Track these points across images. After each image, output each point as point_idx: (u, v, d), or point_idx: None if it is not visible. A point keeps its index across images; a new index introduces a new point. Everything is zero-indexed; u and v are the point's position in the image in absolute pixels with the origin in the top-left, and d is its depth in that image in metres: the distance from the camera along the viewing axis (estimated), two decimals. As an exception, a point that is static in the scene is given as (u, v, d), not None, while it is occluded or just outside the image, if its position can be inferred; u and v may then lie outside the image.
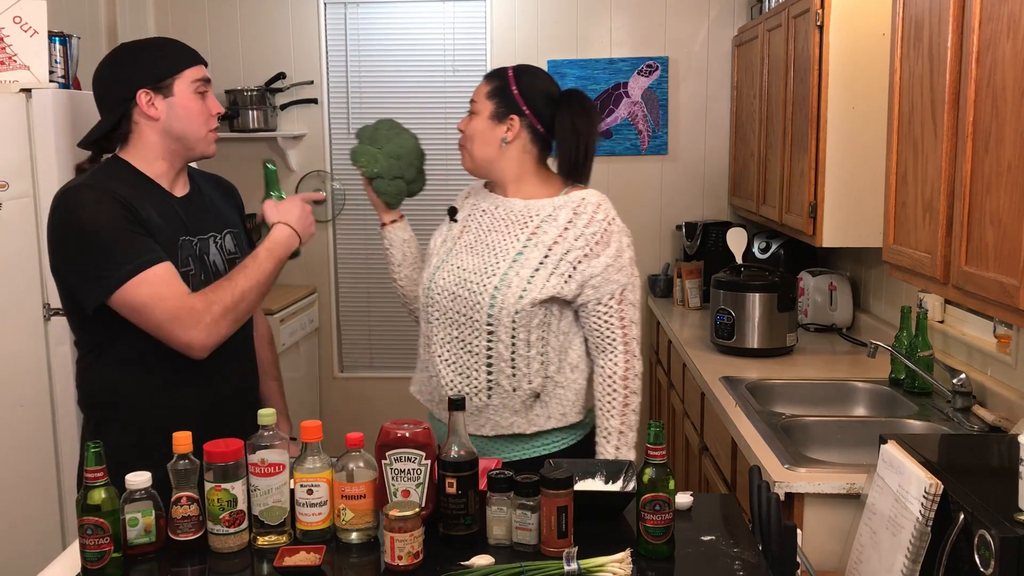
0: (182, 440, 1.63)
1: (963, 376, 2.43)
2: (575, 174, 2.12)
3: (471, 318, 2.04)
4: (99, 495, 1.54)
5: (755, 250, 3.97)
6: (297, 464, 1.66)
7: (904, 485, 1.73)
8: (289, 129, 4.46)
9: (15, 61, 2.54)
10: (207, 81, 2.02)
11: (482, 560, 1.56)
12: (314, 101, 4.43)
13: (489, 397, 2.05)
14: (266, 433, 1.66)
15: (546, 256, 2.03)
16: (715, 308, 3.26)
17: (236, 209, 2.24)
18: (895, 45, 2.26)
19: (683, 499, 1.78)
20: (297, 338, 4.28)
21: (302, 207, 2.07)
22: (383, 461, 1.68)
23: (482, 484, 1.69)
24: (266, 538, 1.65)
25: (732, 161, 4.28)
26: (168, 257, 1.90)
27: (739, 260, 3.67)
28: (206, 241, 2.05)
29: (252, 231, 2.22)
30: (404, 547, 1.53)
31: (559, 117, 2.10)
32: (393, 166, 2.21)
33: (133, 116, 1.95)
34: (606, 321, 2.06)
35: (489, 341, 2.03)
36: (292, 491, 1.67)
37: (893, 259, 2.28)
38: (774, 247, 3.90)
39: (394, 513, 1.54)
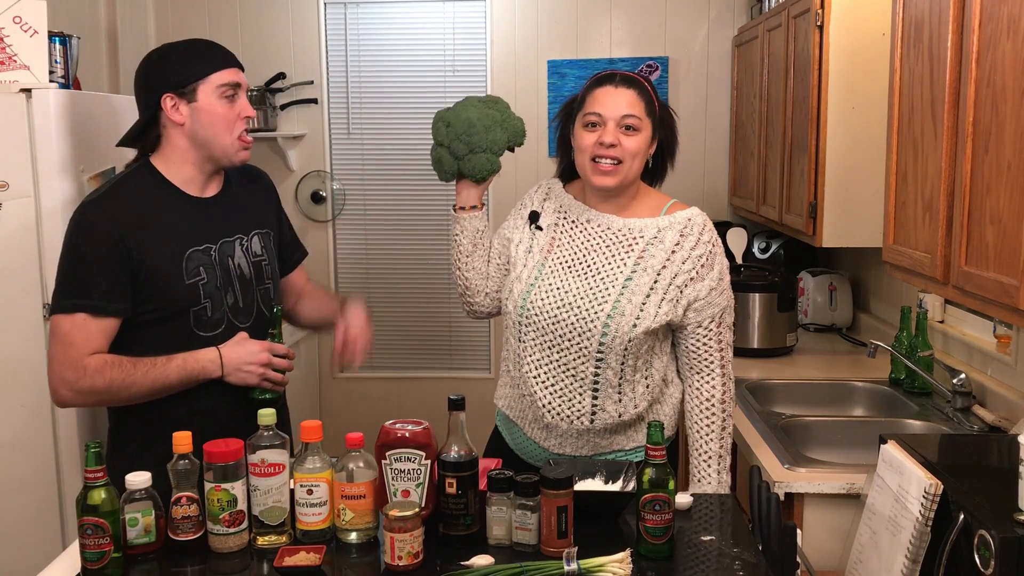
0: (182, 440, 1.63)
1: (963, 376, 2.43)
2: (661, 178, 2.11)
3: (579, 344, 1.96)
4: (99, 495, 1.54)
5: (755, 250, 3.97)
6: (297, 464, 1.66)
7: (904, 485, 1.73)
8: (289, 129, 4.45)
9: (15, 61, 2.54)
10: (236, 85, 2.00)
11: (482, 560, 1.56)
12: (314, 101, 4.43)
13: (592, 422, 1.99)
14: (266, 433, 1.66)
15: (655, 282, 1.95)
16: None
17: (268, 199, 2.23)
18: (895, 45, 2.26)
19: (683, 499, 1.78)
20: (297, 338, 4.27)
21: (255, 356, 1.99)
22: (383, 461, 1.68)
23: (482, 484, 1.69)
24: (266, 538, 1.65)
25: (732, 161, 4.28)
26: (173, 271, 1.94)
27: (739, 260, 3.68)
28: (231, 244, 2.05)
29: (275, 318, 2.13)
30: (404, 547, 1.53)
31: (666, 127, 2.04)
32: (461, 136, 2.05)
33: (161, 120, 1.99)
34: (705, 344, 2.01)
35: (597, 368, 1.96)
36: (292, 491, 1.67)
37: (893, 259, 2.28)
38: (774, 247, 3.90)
39: (394, 513, 1.54)
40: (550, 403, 2.00)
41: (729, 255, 3.71)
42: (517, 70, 4.35)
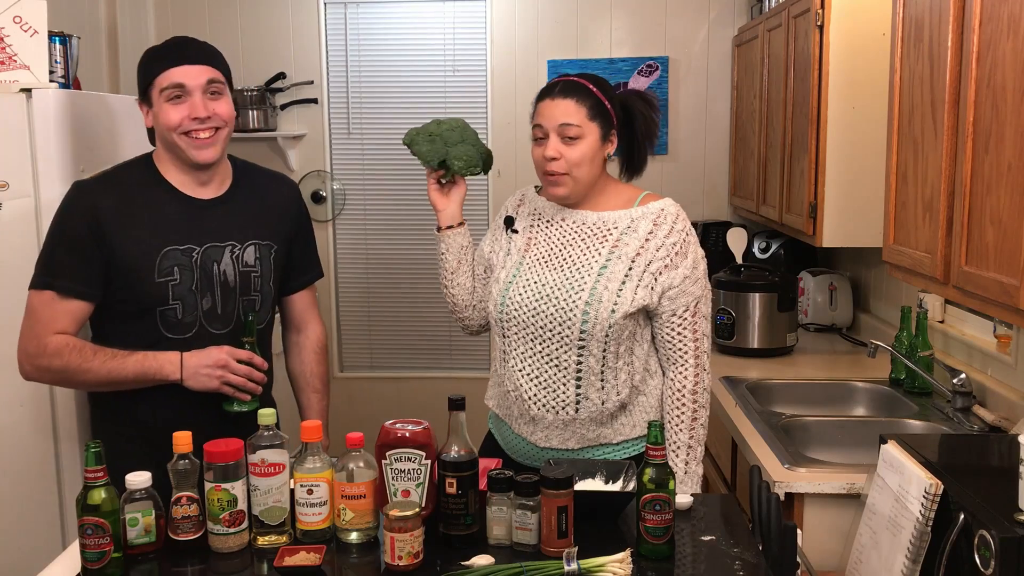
0: (182, 440, 1.63)
1: (963, 376, 2.43)
2: (638, 170, 2.11)
3: (560, 334, 1.98)
4: (99, 495, 1.54)
5: (755, 250, 3.97)
6: (297, 464, 1.66)
7: (904, 485, 1.73)
8: (289, 129, 4.46)
9: (15, 61, 2.54)
10: (179, 86, 1.94)
11: (482, 560, 1.56)
12: (314, 101, 4.43)
13: (577, 411, 2.00)
14: (266, 433, 1.66)
15: (630, 268, 1.97)
16: (715, 308, 3.26)
17: (286, 214, 2.16)
18: (895, 45, 2.26)
19: (683, 499, 1.78)
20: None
21: (213, 358, 1.93)
22: (383, 461, 1.68)
23: (482, 484, 1.69)
24: (266, 538, 1.65)
25: (732, 161, 4.28)
26: (144, 267, 1.94)
27: (739, 260, 3.68)
28: (220, 249, 2.02)
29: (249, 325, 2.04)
30: (404, 547, 1.53)
31: (637, 118, 2.05)
32: (445, 136, 2.08)
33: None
34: (679, 333, 2.01)
35: (579, 356, 1.98)
36: (292, 491, 1.67)
37: (893, 259, 2.28)
38: (774, 247, 3.90)
39: (394, 513, 1.54)
40: (535, 395, 2.01)
41: (729, 255, 3.72)
42: (517, 70, 4.35)
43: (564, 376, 1.99)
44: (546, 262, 2.04)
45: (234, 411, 1.97)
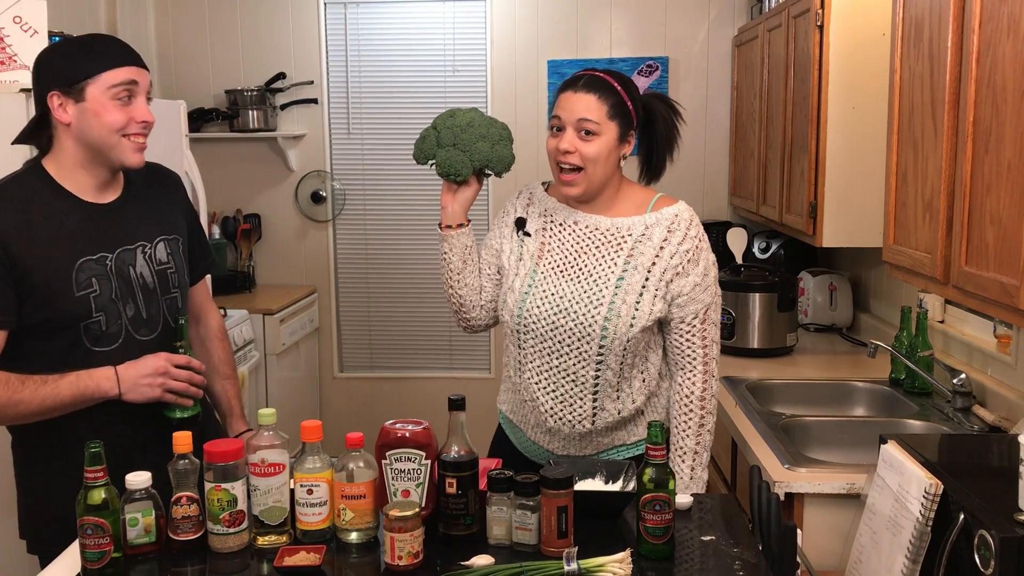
0: (182, 440, 1.63)
1: (963, 376, 2.43)
2: (657, 175, 2.09)
3: (578, 348, 1.96)
4: (99, 495, 1.54)
5: (755, 250, 3.97)
6: (297, 464, 1.66)
7: (904, 485, 1.73)
8: (289, 129, 4.46)
9: (15, 61, 2.55)
10: (131, 83, 1.84)
11: (482, 560, 1.56)
12: (314, 101, 4.44)
13: (594, 424, 2.00)
14: (266, 433, 1.66)
15: (646, 279, 1.96)
16: (715, 308, 3.27)
17: (179, 204, 2.08)
18: (895, 45, 2.26)
19: (683, 499, 1.78)
20: (297, 338, 4.28)
21: (151, 366, 1.84)
22: (383, 461, 1.68)
23: (482, 484, 1.69)
24: (266, 538, 1.65)
25: (732, 161, 4.28)
26: (60, 283, 1.82)
27: (739, 260, 3.68)
28: (132, 252, 1.92)
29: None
30: (404, 547, 1.53)
31: (658, 122, 2.02)
32: (446, 137, 2.01)
33: (51, 119, 1.86)
34: (688, 340, 2.01)
35: (597, 370, 1.97)
36: (292, 491, 1.67)
37: (893, 259, 2.28)
38: (774, 247, 3.90)
39: (394, 513, 1.54)
40: (552, 408, 2.01)
41: (729, 255, 3.72)
42: (517, 70, 4.35)
43: (581, 391, 1.99)
44: (562, 271, 2.02)
45: (176, 418, 1.88)
